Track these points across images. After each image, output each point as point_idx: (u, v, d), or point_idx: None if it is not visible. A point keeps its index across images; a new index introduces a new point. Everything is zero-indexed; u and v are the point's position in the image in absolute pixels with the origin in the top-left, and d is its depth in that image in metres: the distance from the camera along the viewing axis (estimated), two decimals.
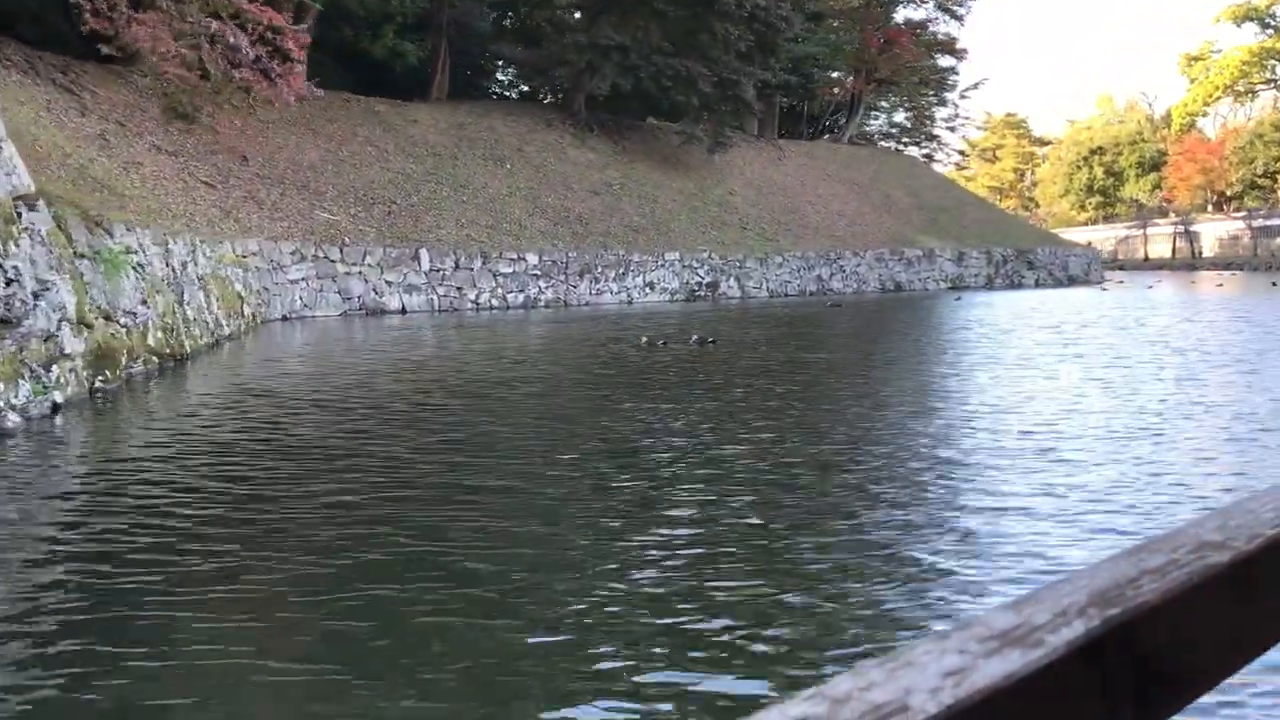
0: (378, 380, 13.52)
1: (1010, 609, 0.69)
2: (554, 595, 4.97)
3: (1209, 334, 18.99)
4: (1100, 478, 7.12)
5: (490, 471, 7.78)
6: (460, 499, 6.88)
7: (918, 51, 54.90)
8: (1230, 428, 8.91)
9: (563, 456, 8.26)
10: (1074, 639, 0.65)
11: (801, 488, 7.15)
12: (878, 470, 7.55)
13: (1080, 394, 11.48)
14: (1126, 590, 0.72)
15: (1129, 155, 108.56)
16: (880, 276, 43.67)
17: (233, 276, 21.02)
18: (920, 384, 12.82)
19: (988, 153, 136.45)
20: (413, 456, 8.27)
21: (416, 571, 5.28)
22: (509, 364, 15.42)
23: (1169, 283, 49.31)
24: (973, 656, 0.62)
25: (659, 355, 16.22)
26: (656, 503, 6.74)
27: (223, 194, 27.43)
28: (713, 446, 8.51)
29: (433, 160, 35.25)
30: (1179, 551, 0.79)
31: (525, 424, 9.88)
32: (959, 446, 8.46)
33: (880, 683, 0.58)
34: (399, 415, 10.46)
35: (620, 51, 39.12)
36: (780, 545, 5.77)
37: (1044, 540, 5.72)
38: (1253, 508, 0.90)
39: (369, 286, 28.68)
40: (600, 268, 34.41)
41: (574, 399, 11.99)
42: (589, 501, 6.88)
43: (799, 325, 24.08)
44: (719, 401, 11.06)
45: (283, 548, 5.72)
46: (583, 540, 5.92)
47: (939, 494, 6.94)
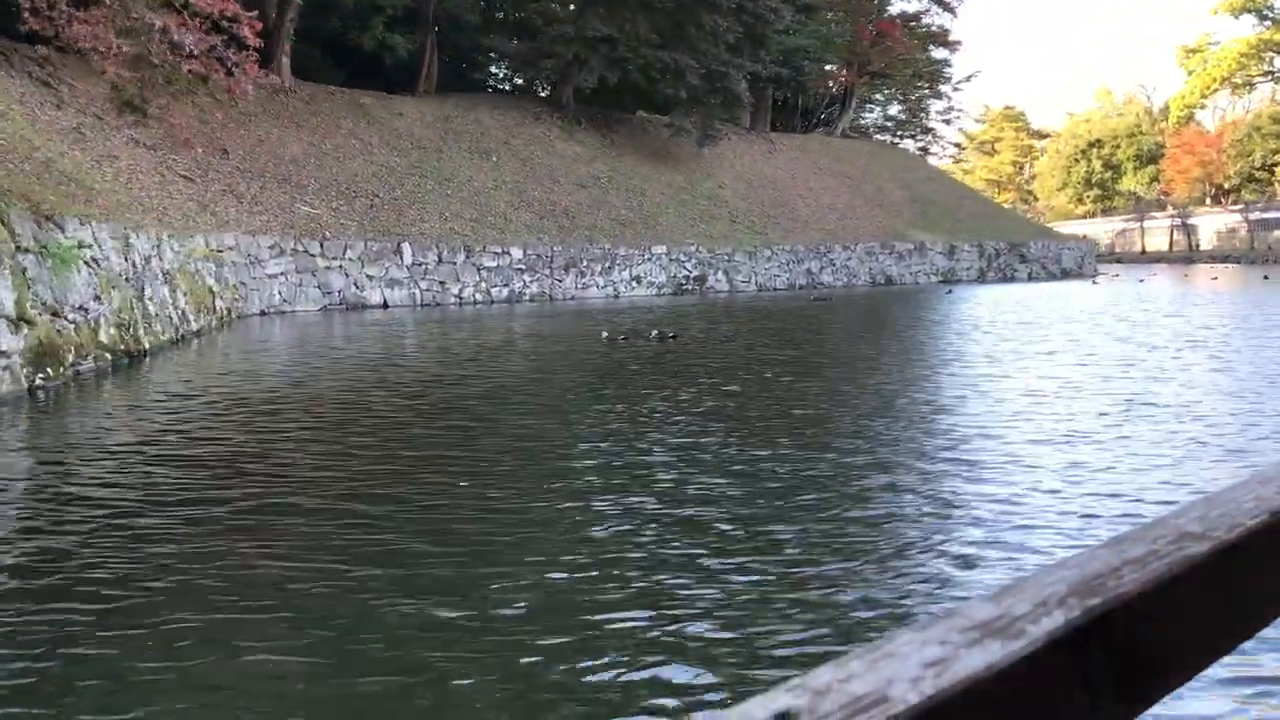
0: (322, 379, 13.13)
1: (991, 600, 0.68)
2: (414, 621, 4.74)
3: (1187, 329, 18.70)
4: (1006, 489, 6.81)
5: (382, 483, 7.23)
6: (333, 514, 6.37)
7: (910, 44, 54.58)
8: (1171, 437, 8.44)
9: (463, 468, 7.76)
10: (1055, 629, 0.65)
11: (719, 500, 6.90)
12: (793, 493, 7.18)
13: (1035, 392, 11.23)
14: (1107, 580, 0.72)
15: (1127, 148, 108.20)
16: (871, 270, 43.41)
17: (204, 271, 20.78)
18: (877, 384, 12.40)
19: (986, 145, 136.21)
20: (310, 463, 7.86)
21: (256, 596, 5.05)
22: (461, 362, 15.06)
23: (1163, 276, 49.05)
24: (954, 647, 0.62)
25: (617, 352, 15.93)
26: (533, 524, 6.26)
27: (201, 187, 27.20)
28: (629, 454, 8.13)
29: (417, 153, 34.99)
30: (1159, 542, 0.79)
31: (445, 429, 9.44)
32: (891, 454, 8.21)
33: (861, 674, 0.58)
34: (320, 419, 10.02)
35: (608, 44, 38.86)
36: (662, 584, 5.54)
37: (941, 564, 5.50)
38: (1233, 497, 0.90)
39: (350, 281, 28.44)
40: (586, 261, 34.16)
41: (506, 402, 11.33)
42: (466, 514, 6.44)
43: (776, 320, 23.80)
44: (661, 403, 10.65)
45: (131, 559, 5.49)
46: (457, 554, 5.69)
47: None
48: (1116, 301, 28.44)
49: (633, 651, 4.15)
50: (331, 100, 35.52)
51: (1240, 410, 9.53)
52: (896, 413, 10.03)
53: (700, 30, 39.30)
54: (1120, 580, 0.73)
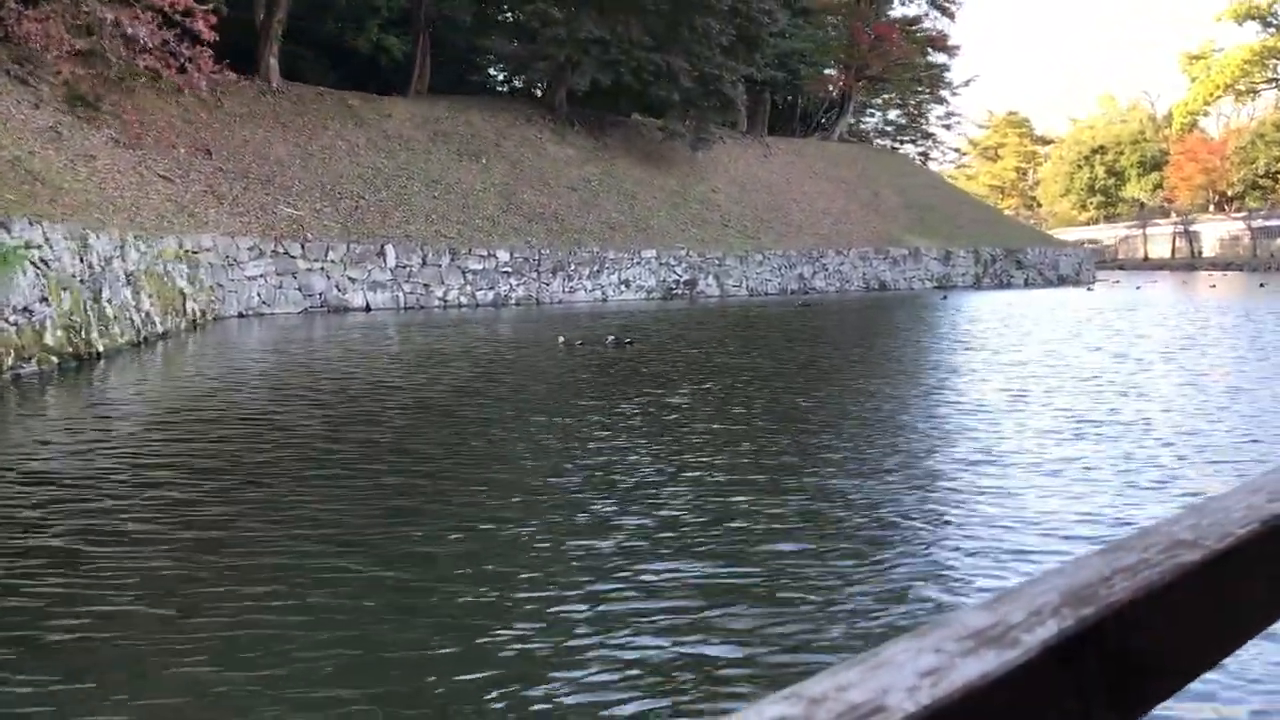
0: (256, 387, 12.50)
1: (985, 608, 0.69)
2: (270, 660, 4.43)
3: (1169, 340, 18.32)
4: (911, 518, 6.42)
5: (261, 502, 6.75)
6: (179, 536, 5.95)
7: (908, 48, 54.24)
8: (1108, 461, 7.89)
9: (345, 487, 7.30)
10: (1049, 638, 0.65)
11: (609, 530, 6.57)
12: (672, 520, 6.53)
13: (985, 406, 10.88)
14: (1100, 589, 0.72)
15: (1130, 155, 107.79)
16: (864, 275, 43.08)
17: (175, 273, 20.50)
18: (825, 395, 11.83)
19: (989, 151, 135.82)
20: (192, 484, 7.29)
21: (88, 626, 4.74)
22: (408, 369, 14.50)
23: (1162, 283, 48.66)
24: (949, 656, 0.62)
25: (571, 359, 15.54)
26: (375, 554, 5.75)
27: (181, 188, 26.94)
28: (533, 479, 7.47)
29: (405, 155, 34.72)
30: (1151, 550, 0.80)
31: (354, 445, 8.75)
32: (807, 476, 7.87)
33: (857, 682, 0.58)
34: (232, 431, 9.39)
35: (600, 46, 38.58)
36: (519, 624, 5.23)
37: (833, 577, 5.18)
38: (1224, 505, 0.90)
39: (331, 283, 28.16)
40: (574, 265, 33.86)
41: (431, 415, 10.50)
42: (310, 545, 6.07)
43: (753, 326, 23.39)
44: (594, 415, 10.17)
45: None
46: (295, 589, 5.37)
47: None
48: (1105, 309, 28.07)
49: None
50: (320, 101, 35.25)
51: (1196, 429, 9.07)
52: (835, 427, 9.60)
53: (693, 32, 39.02)
54: (1112, 589, 0.72)
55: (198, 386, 12.74)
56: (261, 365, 15.23)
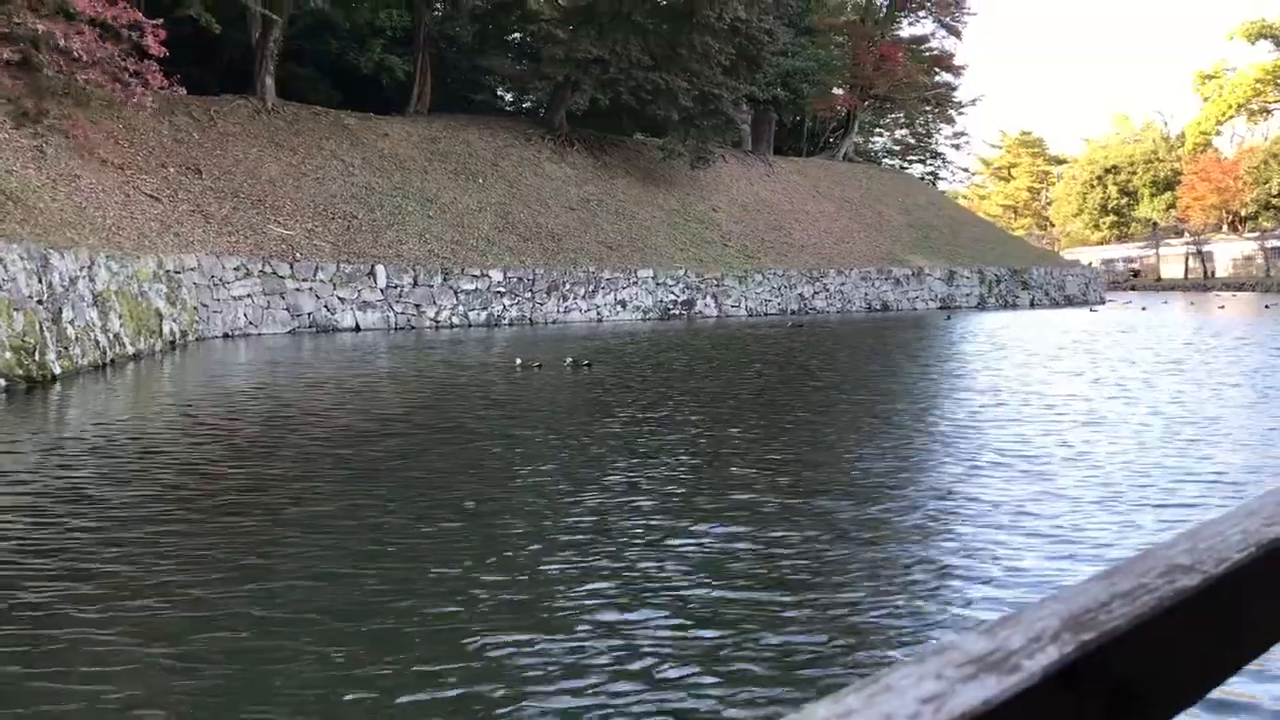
0: (182, 415, 11.89)
1: (985, 634, 0.69)
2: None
3: (1153, 365, 17.75)
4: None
5: (125, 546, 6.17)
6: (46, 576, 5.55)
7: (912, 68, 53.90)
8: (1000, 513, 7.08)
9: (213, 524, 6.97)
10: (1049, 664, 0.65)
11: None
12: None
13: (933, 434, 10.42)
14: (1099, 614, 0.72)
15: (1143, 174, 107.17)
16: (866, 296, 42.66)
17: (153, 293, 20.25)
18: (769, 423, 11.19)
19: (1002, 171, 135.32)
20: (60, 522, 6.79)
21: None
22: (344, 395, 13.98)
23: (1170, 304, 48.05)
24: (950, 682, 0.62)
25: (523, 383, 15.05)
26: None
27: (168, 208, 26.78)
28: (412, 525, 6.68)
29: (400, 174, 34.53)
30: (1149, 575, 0.80)
31: (252, 482, 8.11)
32: (693, 519, 7.48)
33: (859, 709, 0.59)
34: (128, 465, 8.80)
35: (599, 65, 38.41)
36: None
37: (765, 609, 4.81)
38: (1220, 530, 0.90)
39: (320, 303, 27.92)
40: (569, 285, 33.57)
41: (324, 454, 9.51)
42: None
43: (732, 349, 22.76)
44: (515, 448, 9.51)
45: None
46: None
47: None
48: (1099, 332, 27.53)
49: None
50: (315, 120, 35.11)
51: (1130, 474, 8.22)
52: (761, 464, 8.95)
53: (693, 52, 38.78)
54: (1111, 614, 0.72)
55: (137, 413, 12.43)
56: (209, 390, 14.84)
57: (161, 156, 29.04)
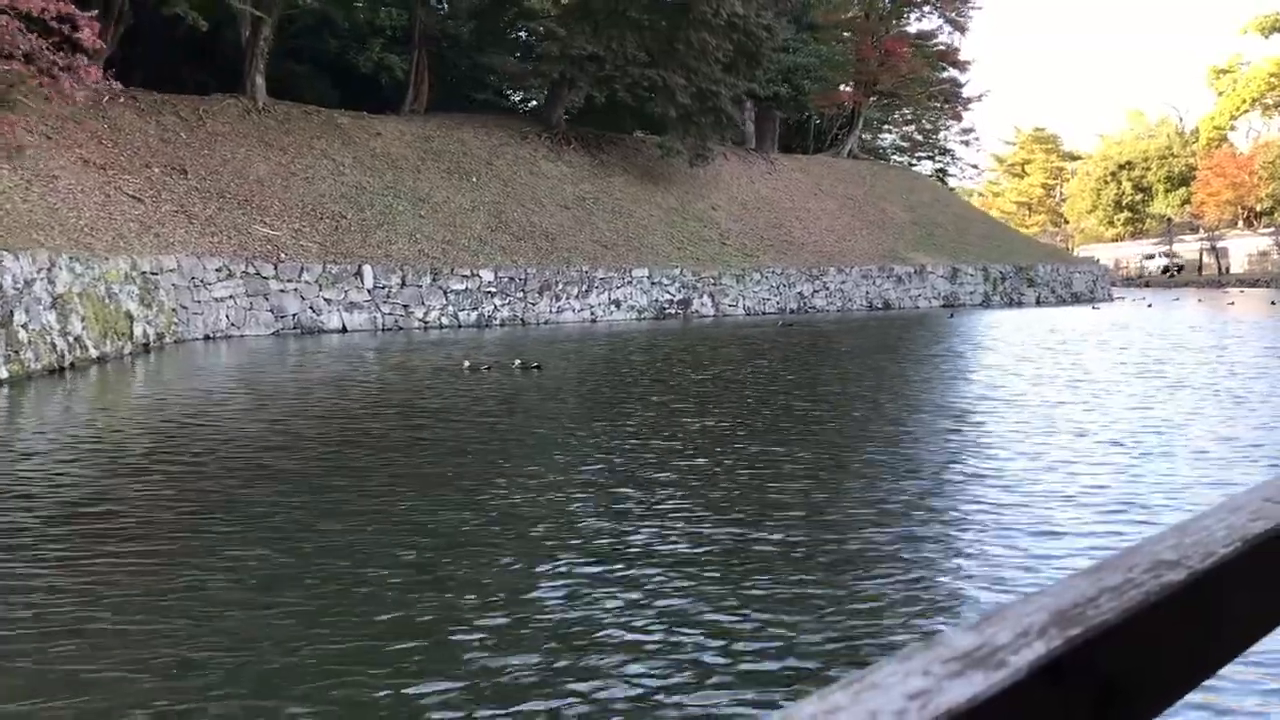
0: (87, 423, 11.59)
1: (972, 629, 0.69)
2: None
3: (1131, 367, 17.11)
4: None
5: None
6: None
7: (917, 63, 53.26)
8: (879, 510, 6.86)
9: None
10: (1036, 659, 0.65)
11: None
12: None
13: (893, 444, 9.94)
14: (1086, 610, 0.73)
15: (1157, 170, 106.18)
16: (867, 294, 42.11)
17: (123, 294, 19.94)
18: (700, 431, 10.48)
19: (1016, 167, 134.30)
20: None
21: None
22: (267, 400, 13.46)
23: (1179, 300, 47.32)
24: (937, 678, 0.62)
25: (466, 386, 14.44)
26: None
27: (150, 208, 26.48)
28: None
29: (392, 173, 34.16)
30: (1135, 570, 0.80)
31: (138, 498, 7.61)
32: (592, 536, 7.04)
33: (845, 706, 0.59)
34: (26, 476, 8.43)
35: (595, 62, 37.99)
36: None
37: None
38: (1206, 525, 0.90)
39: (305, 304, 27.58)
40: (562, 284, 33.16)
41: (209, 467, 8.85)
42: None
43: (708, 350, 21.84)
44: (402, 470, 8.63)
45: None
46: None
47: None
48: (1089, 331, 26.87)
49: None
50: (307, 120, 34.77)
51: (1048, 488, 7.64)
52: (669, 479, 8.30)
53: (690, 48, 38.32)
54: (1099, 609, 0.72)
55: (51, 422, 12.07)
56: (145, 396, 14.45)
57: (146, 156, 28.75)
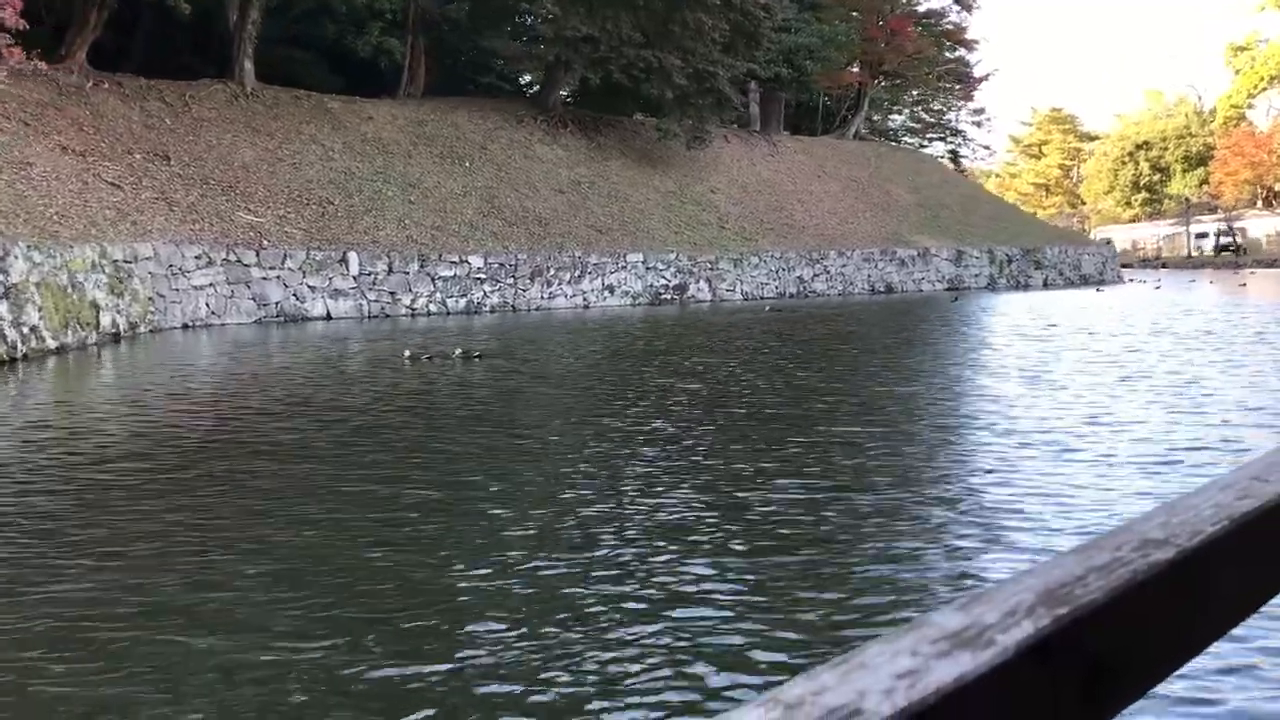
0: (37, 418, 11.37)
1: (960, 609, 0.69)
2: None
3: (1103, 357, 16.40)
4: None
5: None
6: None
7: (923, 43, 52.42)
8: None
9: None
10: (1024, 639, 0.66)
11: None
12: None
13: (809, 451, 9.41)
14: (1074, 589, 0.73)
15: (1175, 150, 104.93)
16: (869, 278, 41.47)
17: (90, 284, 19.57)
18: (615, 428, 9.90)
19: (1033, 149, 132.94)
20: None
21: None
22: (195, 396, 12.90)
23: (1186, 282, 46.48)
24: (925, 658, 0.62)
25: (396, 380, 13.86)
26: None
27: (129, 195, 26.12)
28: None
29: (382, 158, 33.72)
30: (1123, 549, 0.80)
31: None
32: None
33: (833, 686, 0.59)
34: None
35: (589, 43, 37.40)
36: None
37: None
38: (1194, 504, 0.90)
39: (289, 292, 27.19)
40: (553, 270, 32.67)
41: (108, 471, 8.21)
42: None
43: (678, 337, 21.16)
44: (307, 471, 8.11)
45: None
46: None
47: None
48: (1078, 314, 26.23)
49: None
50: (296, 105, 34.35)
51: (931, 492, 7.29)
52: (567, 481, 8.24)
53: (685, 29, 37.69)
54: (1087, 588, 0.73)
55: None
56: (77, 390, 14.03)
57: (129, 143, 28.40)
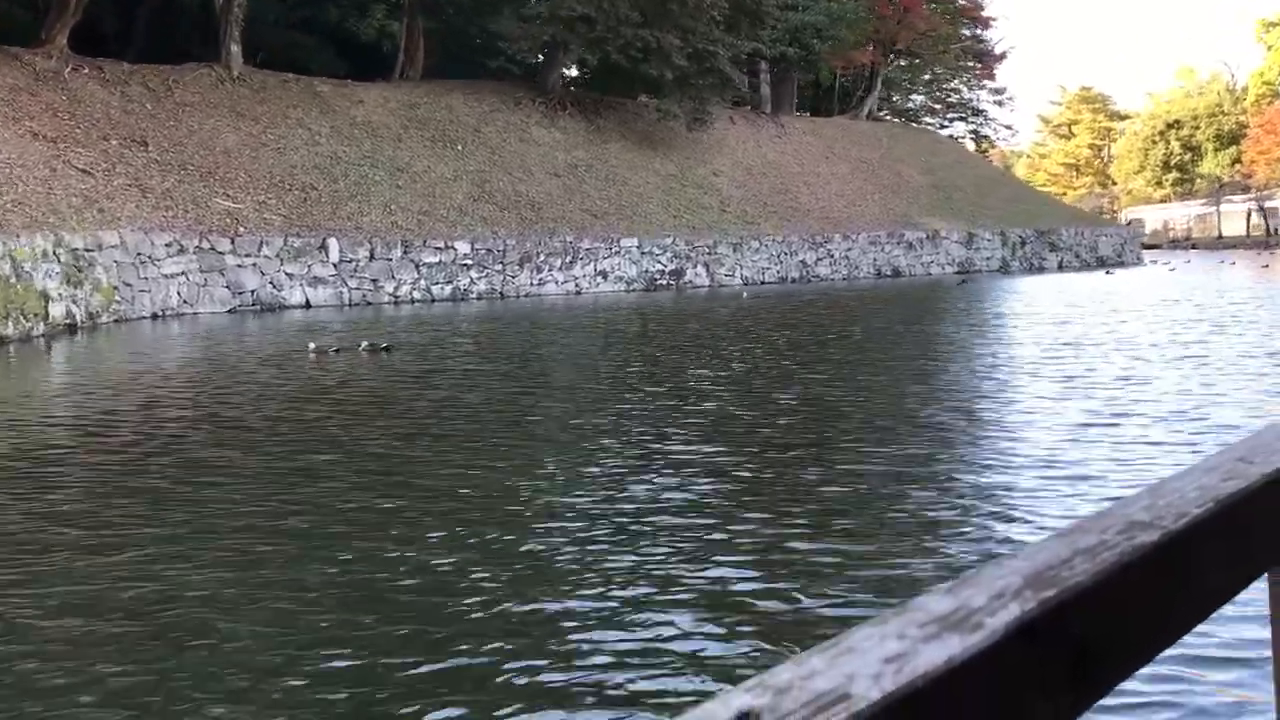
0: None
1: (948, 593, 0.69)
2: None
3: (1084, 345, 15.54)
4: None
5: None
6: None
7: (935, 20, 51.12)
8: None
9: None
10: (1010, 621, 0.66)
11: None
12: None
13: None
14: (1060, 571, 0.73)
15: (1207, 129, 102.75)
16: (875, 261, 40.42)
17: (39, 274, 19.03)
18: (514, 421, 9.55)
19: (1062, 129, 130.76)
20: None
21: None
22: (60, 400, 12.30)
23: (1207, 262, 45.17)
24: (912, 641, 0.63)
25: (285, 378, 13.07)
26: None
27: (100, 182, 25.57)
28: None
29: (371, 142, 33.03)
30: (1109, 532, 0.80)
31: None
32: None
33: (822, 670, 0.59)
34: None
35: (585, 23, 36.52)
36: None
37: None
38: (1178, 486, 0.91)
39: (265, 280, 26.60)
40: (544, 256, 31.91)
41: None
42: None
43: (627, 327, 20.30)
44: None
45: None
46: None
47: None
48: (1074, 300, 25.18)
49: None
50: (285, 89, 33.70)
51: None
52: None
53: (683, 7, 36.76)
54: (1073, 571, 0.73)
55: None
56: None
57: (105, 128, 27.86)
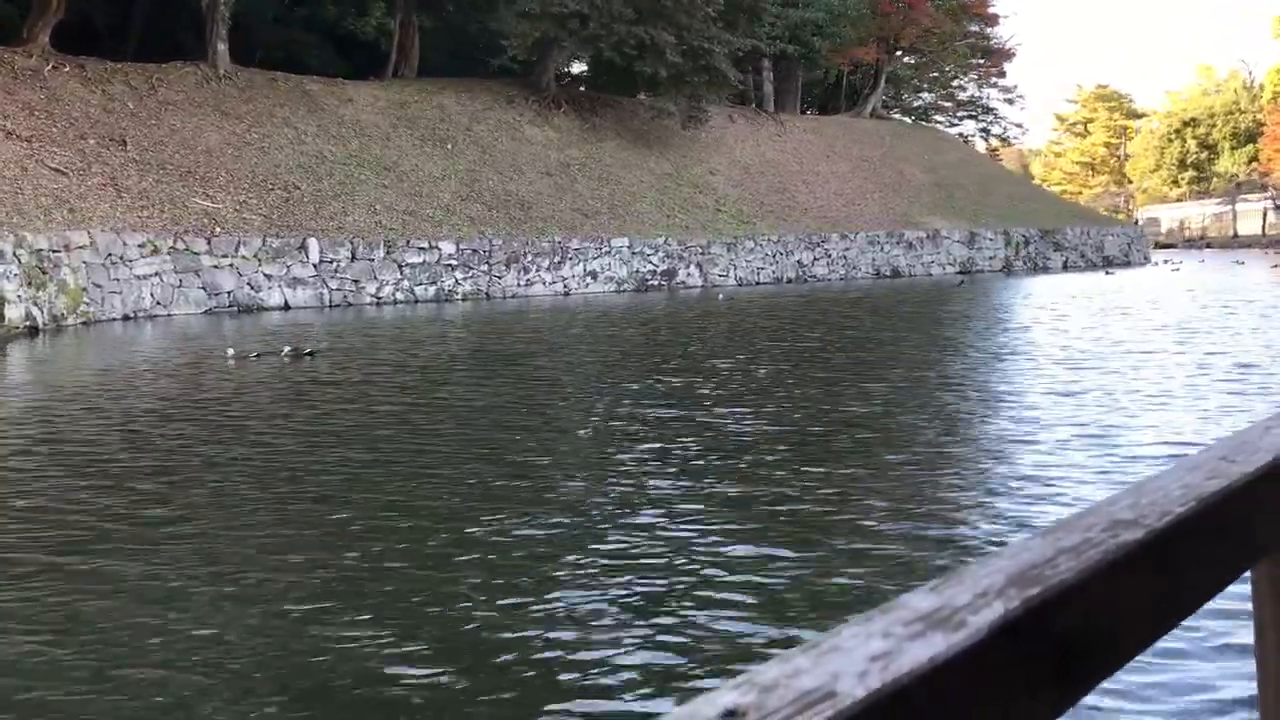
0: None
1: (932, 591, 0.70)
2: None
3: (1055, 350, 14.99)
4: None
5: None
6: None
7: (940, 17, 50.40)
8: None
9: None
10: (994, 620, 0.66)
11: None
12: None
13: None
14: (1044, 570, 0.73)
15: (1223, 127, 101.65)
16: (874, 261, 39.78)
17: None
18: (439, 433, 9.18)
19: (1078, 127, 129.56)
20: None
21: None
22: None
23: (1220, 261, 44.38)
24: (898, 640, 0.63)
25: (207, 381, 12.67)
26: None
27: (74, 181, 25.22)
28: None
29: (358, 141, 32.63)
30: (1093, 530, 0.81)
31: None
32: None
33: (808, 669, 0.59)
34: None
35: (578, 20, 36.04)
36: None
37: None
38: (1162, 484, 0.91)
39: (243, 281, 26.19)
40: (531, 256, 31.42)
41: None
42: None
43: (573, 333, 19.86)
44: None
45: None
46: None
47: None
48: (1062, 302, 24.55)
49: None
50: (273, 88, 33.33)
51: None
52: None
53: (678, 4, 36.23)
54: (1057, 569, 0.73)
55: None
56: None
57: (83, 127, 27.52)
